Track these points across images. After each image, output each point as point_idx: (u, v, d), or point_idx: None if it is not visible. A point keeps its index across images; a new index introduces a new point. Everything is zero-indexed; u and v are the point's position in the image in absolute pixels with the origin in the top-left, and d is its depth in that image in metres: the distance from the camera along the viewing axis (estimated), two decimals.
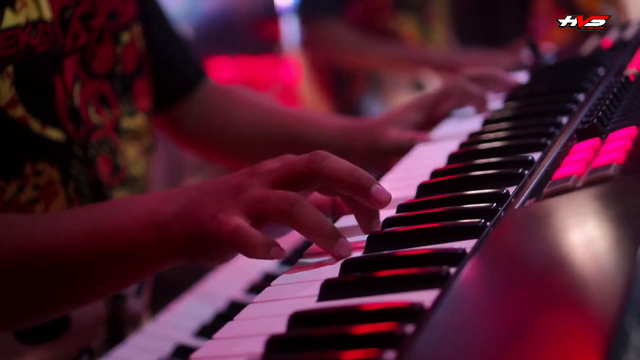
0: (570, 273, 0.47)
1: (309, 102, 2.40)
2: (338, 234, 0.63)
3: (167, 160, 3.06)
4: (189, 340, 0.91)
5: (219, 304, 0.96)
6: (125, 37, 0.96)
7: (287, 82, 3.13)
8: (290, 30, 2.91)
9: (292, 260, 0.83)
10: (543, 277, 0.48)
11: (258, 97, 1.22)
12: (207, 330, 0.92)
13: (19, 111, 0.82)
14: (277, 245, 0.64)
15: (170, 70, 1.09)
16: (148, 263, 0.70)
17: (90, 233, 0.70)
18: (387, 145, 1.02)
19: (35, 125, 0.84)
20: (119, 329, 0.96)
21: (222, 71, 3.44)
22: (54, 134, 0.86)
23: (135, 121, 0.98)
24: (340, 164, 0.64)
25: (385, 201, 0.64)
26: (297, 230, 0.64)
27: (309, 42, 2.31)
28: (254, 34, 3.55)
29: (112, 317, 0.95)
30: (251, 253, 0.63)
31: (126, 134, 0.96)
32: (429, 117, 1.05)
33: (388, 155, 1.01)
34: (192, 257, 0.67)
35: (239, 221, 0.63)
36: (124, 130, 0.96)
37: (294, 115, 1.15)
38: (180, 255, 0.68)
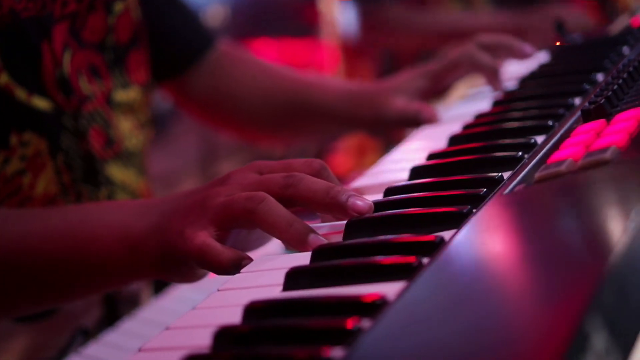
0: (541, 268, 0.42)
1: None
2: (309, 231, 0.60)
3: (201, 144, 3.05)
4: None
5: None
6: (119, 6, 0.93)
7: (324, 67, 3.09)
8: (329, 15, 2.86)
9: None
10: (511, 272, 0.43)
11: (265, 61, 1.17)
12: None
13: (3, 78, 0.80)
14: (248, 258, 0.60)
15: (172, 40, 1.05)
16: (119, 275, 0.68)
17: (63, 238, 0.68)
18: (392, 115, 0.98)
19: (20, 93, 0.82)
20: (114, 308, 0.93)
21: (263, 54, 3.41)
22: (41, 103, 0.83)
23: (129, 94, 0.94)
24: (316, 185, 0.61)
25: (365, 212, 0.60)
26: (265, 230, 0.60)
27: (369, 28, 2.28)
28: (291, 16, 3.51)
29: (107, 296, 0.93)
30: (218, 270, 0.60)
31: (119, 107, 0.93)
32: (436, 86, 1.00)
33: (392, 125, 0.97)
34: (165, 273, 0.65)
35: (204, 237, 0.60)
36: (116, 102, 0.93)
37: (298, 80, 1.11)
38: (153, 271, 0.66)
